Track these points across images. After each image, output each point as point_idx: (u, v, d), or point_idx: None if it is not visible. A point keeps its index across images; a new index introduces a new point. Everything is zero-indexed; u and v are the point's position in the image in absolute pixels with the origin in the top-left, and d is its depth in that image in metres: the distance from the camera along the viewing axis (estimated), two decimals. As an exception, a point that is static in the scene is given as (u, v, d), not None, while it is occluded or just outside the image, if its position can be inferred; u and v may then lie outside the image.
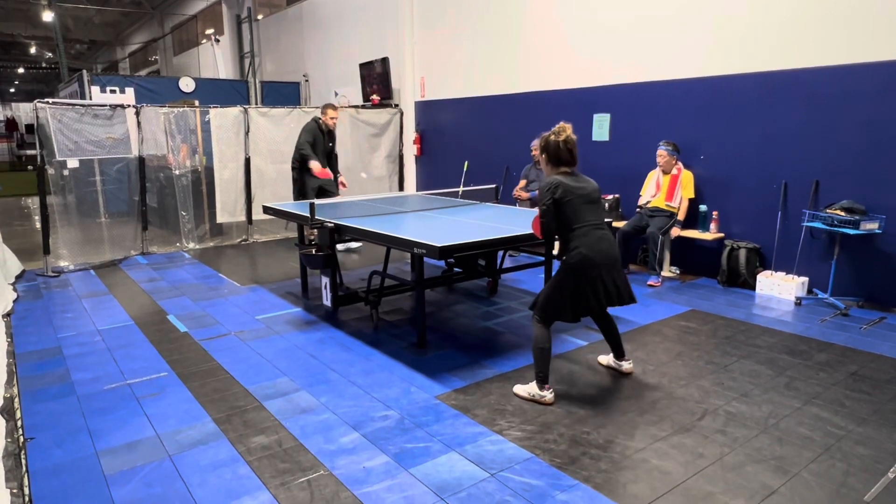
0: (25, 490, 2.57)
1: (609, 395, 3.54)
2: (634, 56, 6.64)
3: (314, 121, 7.23)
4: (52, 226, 6.82)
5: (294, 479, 2.71)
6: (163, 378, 3.83)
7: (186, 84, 11.87)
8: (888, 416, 3.25)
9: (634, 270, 6.48)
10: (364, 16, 10.81)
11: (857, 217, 4.91)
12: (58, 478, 2.75)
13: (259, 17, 14.98)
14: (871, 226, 4.90)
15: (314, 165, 6.97)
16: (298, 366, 4.02)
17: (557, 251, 3.55)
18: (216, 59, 14.80)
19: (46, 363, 4.09)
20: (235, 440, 3.06)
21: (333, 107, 7.30)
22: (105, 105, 7.35)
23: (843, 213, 4.97)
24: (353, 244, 7.61)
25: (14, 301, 5.45)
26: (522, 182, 7.35)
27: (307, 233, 5.91)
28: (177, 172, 7.94)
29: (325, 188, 7.40)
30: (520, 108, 8.10)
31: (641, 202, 6.29)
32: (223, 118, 7.99)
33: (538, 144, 3.53)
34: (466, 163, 8.98)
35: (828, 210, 5.11)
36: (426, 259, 4.00)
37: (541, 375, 3.40)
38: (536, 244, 4.58)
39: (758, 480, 2.68)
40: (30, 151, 22.15)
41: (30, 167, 18.82)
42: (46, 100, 6.81)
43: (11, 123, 30.82)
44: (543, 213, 3.36)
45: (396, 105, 9.93)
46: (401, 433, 3.12)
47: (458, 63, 8.99)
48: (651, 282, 5.92)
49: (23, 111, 33.16)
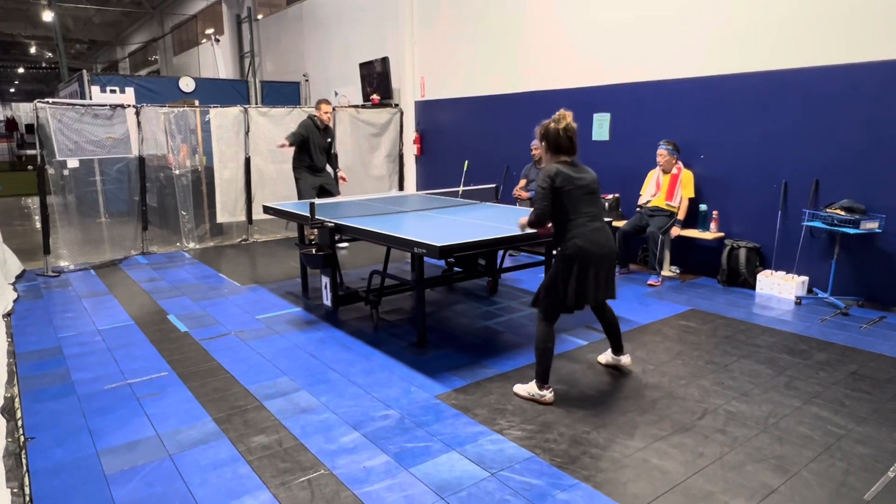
0: (26, 490, 2.57)
1: (609, 395, 3.54)
2: (634, 55, 6.64)
3: (309, 118, 7.34)
4: (53, 226, 6.82)
5: (294, 479, 2.72)
6: (163, 378, 3.84)
7: (186, 84, 11.87)
8: (888, 416, 3.25)
9: (634, 270, 6.48)
10: (364, 15, 10.80)
11: (857, 216, 4.91)
12: (58, 477, 2.75)
13: (259, 17, 14.98)
14: (871, 225, 4.90)
15: (280, 141, 7.21)
16: (299, 365, 4.02)
17: (553, 242, 3.50)
18: (216, 59, 14.79)
19: (47, 363, 4.09)
20: (236, 440, 3.06)
21: (326, 101, 7.41)
22: (105, 105, 7.35)
23: (843, 213, 4.97)
24: (341, 244, 7.61)
25: (14, 301, 5.45)
26: (522, 182, 7.36)
27: (307, 232, 5.91)
28: (177, 172, 7.94)
29: (326, 187, 7.42)
30: (520, 108, 8.09)
31: (641, 202, 6.29)
32: (223, 118, 8.00)
33: (538, 132, 3.50)
34: (466, 162, 8.98)
35: (828, 209, 5.11)
36: (426, 259, 4.00)
37: (541, 374, 3.39)
38: (536, 244, 4.58)
39: (758, 480, 2.68)
40: (30, 151, 22.14)
41: (30, 167, 18.81)
42: (46, 100, 6.81)
43: (11, 123, 30.80)
44: (541, 198, 3.30)
45: (396, 105, 9.93)
46: (401, 433, 3.12)
47: (458, 63, 8.99)
48: (651, 281, 5.93)
49: (23, 111, 33.13)
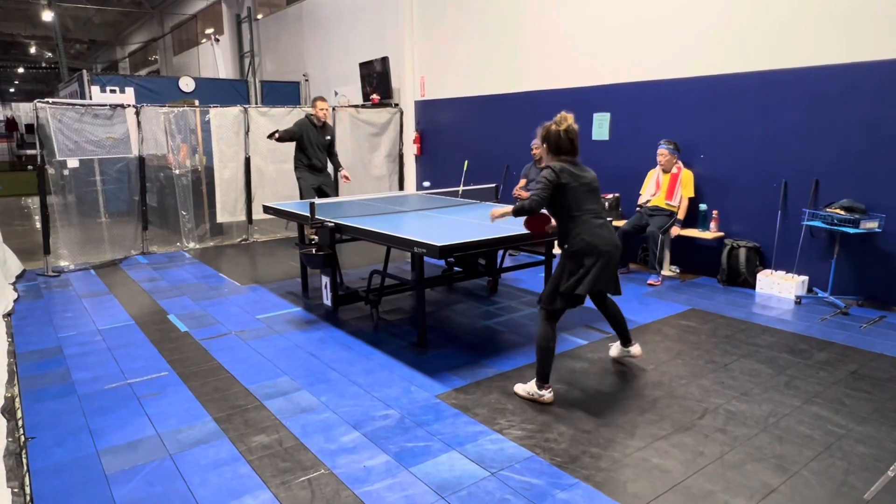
0: (26, 489, 2.57)
1: (609, 394, 3.54)
2: (634, 55, 6.64)
3: (306, 116, 7.36)
4: (53, 226, 6.82)
5: (295, 479, 2.72)
6: (163, 377, 3.84)
7: (186, 84, 11.86)
8: (888, 415, 3.25)
9: (634, 269, 6.48)
10: (364, 15, 10.80)
11: (857, 216, 4.91)
12: (59, 477, 2.75)
13: (259, 17, 14.98)
14: (871, 224, 4.90)
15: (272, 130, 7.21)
16: (299, 365, 4.02)
17: (558, 241, 3.50)
18: (216, 59, 14.79)
19: (47, 363, 4.09)
20: (236, 439, 3.06)
21: (322, 98, 7.41)
22: (105, 105, 7.35)
23: (843, 212, 4.97)
24: None
25: (14, 301, 5.45)
26: (522, 181, 7.34)
27: (307, 232, 5.91)
28: (177, 172, 7.94)
29: (323, 188, 7.42)
30: (520, 108, 8.09)
31: (641, 201, 6.29)
32: (223, 118, 8.00)
33: (539, 133, 3.48)
34: (466, 162, 8.98)
35: (828, 209, 5.11)
36: (426, 258, 4.00)
37: (542, 374, 3.39)
38: (536, 243, 4.58)
39: (758, 479, 2.69)
40: (30, 151, 22.13)
41: (30, 167, 18.81)
42: (46, 100, 6.81)
43: (11, 123, 30.76)
44: (542, 188, 3.27)
45: (396, 104, 9.93)
46: (401, 432, 3.12)
47: (458, 62, 8.99)
48: (651, 281, 5.93)
49: (23, 111, 33.09)
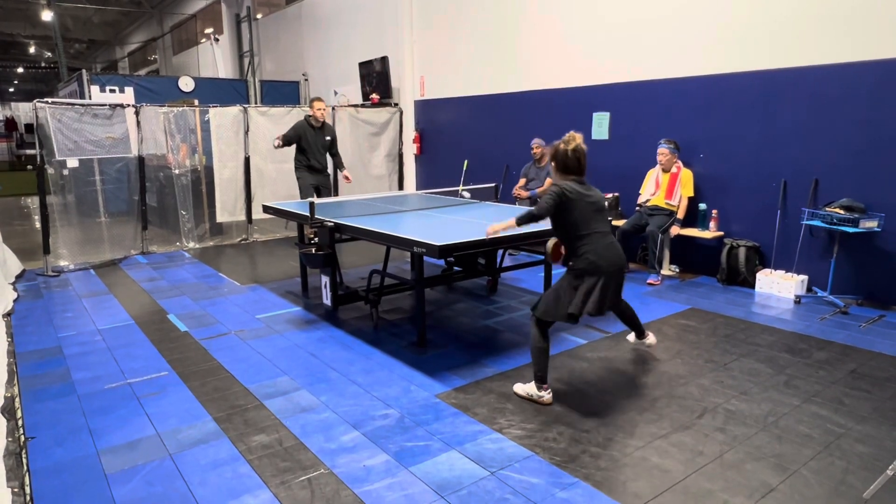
0: (26, 489, 2.57)
1: (609, 394, 3.54)
2: (634, 54, 6.64)
3: (304, 118, 7.35)
4: (52, 225, 6.82)
5: (295, 478, 2.72)
6: (163, 377, 3.84)
7: (186, 83, 11.86)
8: (887, 414, 3.25)
9: (634, 269, 6.48)
10: (363, 15, 10.80)
11: (857, 215, 4.91)
12: (59, 477, 2.76)
13: (258, 17, 14.97)
14: (871, 224, 4.90)
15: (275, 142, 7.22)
16: (299, 365, 4.02)
17: (563, 258, 3.55)
18: (215, 59, 14.79)
19: (47, 363, 4.09)
20: (236, 439, 3.07)
21: (319, 98, 7.41)
22: (104, 105, 7.35)
23: (843, 212, 4.98)
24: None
25: (14, 301, 5.45)
26: (522, 181, 7.36)
27: (307, 232, 5.91)
28: (176, 172, 7.94)
29: (320, 187, 7.42)
30: (519, 107, 8.10)
31: (641, 200, 6.29)
32: (223, 117, 8.00)
33: (547, 151, 3.54)
34: (466, 161, 8.98)
35: (827, 208, 5.11)
36: (426, 258, 4.00)
37: (539, 375, 3.40)
38: (536, 243, 4.57)
39: (757, 478, 2.69)
40: (29, 151, 22.08)
41: (29, 167, 18.78)
42: (46, 99, 6.81)
43: (11, 123, 30.76)
44: (548, 200, 3.32)
45: (396, 104, 9.93)
46: (401, 432, 3.13)
47: (458, 62, 8.99)
48: (650, 280, 5.93)
49: (22, 111, 33.05)
